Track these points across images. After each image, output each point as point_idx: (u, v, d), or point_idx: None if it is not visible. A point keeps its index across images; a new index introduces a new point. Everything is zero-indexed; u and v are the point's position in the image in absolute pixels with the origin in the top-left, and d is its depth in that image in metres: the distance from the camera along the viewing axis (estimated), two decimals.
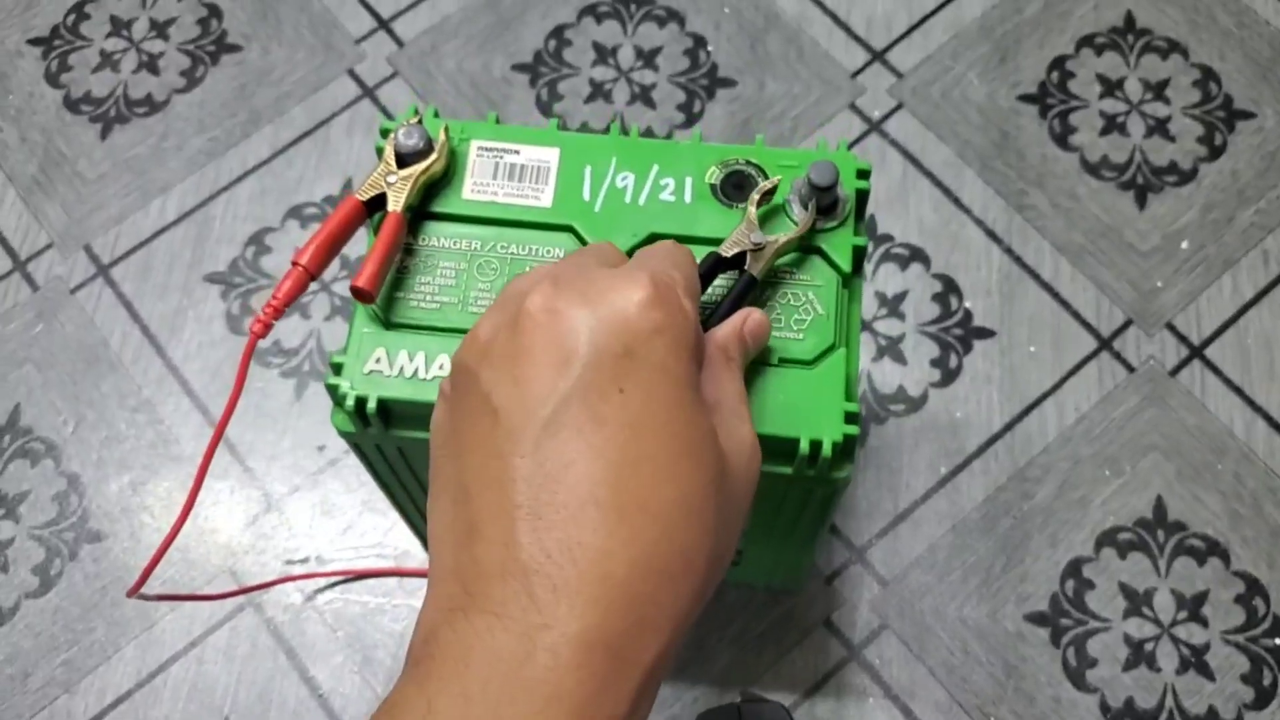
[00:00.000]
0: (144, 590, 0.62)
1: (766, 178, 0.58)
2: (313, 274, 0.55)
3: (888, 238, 0.86)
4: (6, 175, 0.91)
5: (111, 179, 0.90)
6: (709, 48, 0.93)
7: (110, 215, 0.89)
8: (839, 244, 0.57)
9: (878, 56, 0.92)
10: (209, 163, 0.90)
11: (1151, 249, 0.85)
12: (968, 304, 0.84)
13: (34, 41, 0.95)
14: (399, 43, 0.94)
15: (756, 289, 0.54)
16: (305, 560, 0.78)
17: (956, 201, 0.87)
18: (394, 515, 0.79)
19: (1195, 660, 0.74)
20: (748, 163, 0.58)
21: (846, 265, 0.57)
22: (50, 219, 0.89)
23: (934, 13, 0.93)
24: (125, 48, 0.94)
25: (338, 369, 0.55)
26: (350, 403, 0.55)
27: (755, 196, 0.55)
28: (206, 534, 0.79)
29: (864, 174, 0.58)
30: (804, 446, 0.53)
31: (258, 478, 0.81)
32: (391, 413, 0.55)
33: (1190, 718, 0.73)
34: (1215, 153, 0.88)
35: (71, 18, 0.96)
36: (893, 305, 0.84)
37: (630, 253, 0.56)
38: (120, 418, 0.83)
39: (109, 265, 0.87)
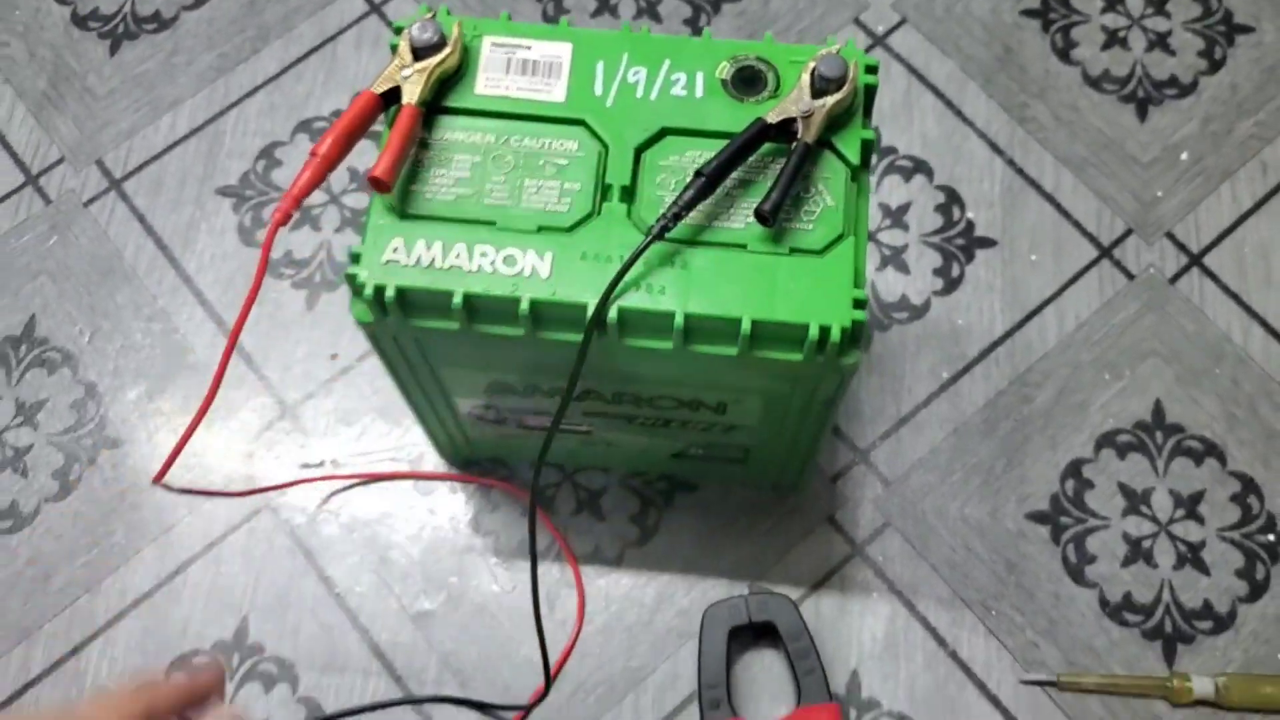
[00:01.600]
0: (167, 481, 0.64)
1: (777, 73, 0.59)
2: (330, 164, 0.56)
3: (891, 150, 0.87)
4: (16, 91, 0.91)
5: (121, 94, 0.91)
6: None
7: (121, 130, 0.90)
8: (848, 139, 0.58)
9: None
10: (218, 79, 0.91)
11: (1152, 160, 0.86)
12: (970, 214, 0.85)
13: None
14: None
15: (811, 158, 0.56)
16: (320, 464, 0.80)
17: (960, 115, 0.88)
18: (407, 421, 0.81)
19: (1191, 556, 0.76)
20: (758, 58, 0.59)
21: (855, 158, 0.58)
22: (61, 134, 0.90)
23: None
24: None
25: (356, 259, 0.56)
26: (369, 291, 0.56)
27: (811, 64, 0.56)
28: (223, 439, 0.81)
29: (871, 69, 0.59)
30: (813, 332, 0.55)
31: (272, 386, 0.82)
32: (409, 301, 0.57)
33: (1186, 611, 0.75)
34: (1215, 66, 0.89)
35: None
36: (896, 216, 0.85)
37: (639, 149, 0.57)
38: (136, 327, 0.84)
39: (121, 179, 0.88)
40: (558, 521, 0.78)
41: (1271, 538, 0.77)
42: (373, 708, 0.74)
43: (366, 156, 0.88)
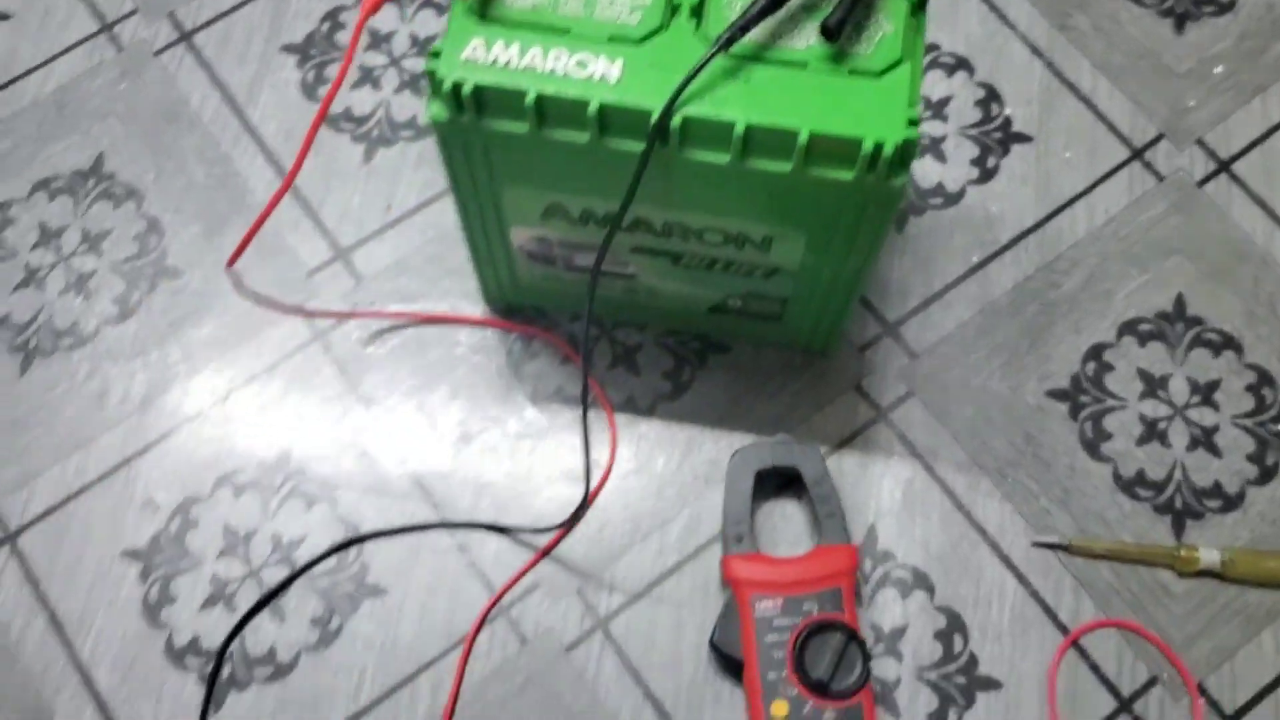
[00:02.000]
0: (235, 273, 0.67)
1: None
2: None
3: (935, 47, 0.90)
4: None
5: None
6: None
7: None
8: None
9: None
10: None
11: (1187, 71, 0.89)
12: (1008, 111, 0.88)
13: None
14: None
15: None
16: (371, 304, 0.83)
17: (1003, 18, 0.91)
18: (457, 269, 0.84)
19: (1205, 440, 0.79)
20: None
21: None
22: None
23: None
24: None
25: (436, 55, 0.60)
26: (448, 86, 0.59)
27: None
28: (278, 274, 0.84)
29: None
30: (867, 146, 0.58)
31: (327, 231, 0.85)
32: (485, 101, 0.60)
33: (1196, 489, 0.78)
34: None
35: None
36: (937, 109, 0.88)
37: None
38: (199, 170, 0.87)
39: (191, 32, 0.91)
40: (594, 374, 0.81)
41: None
42: (409, 529, 0.77)
43: (426, 23, 0.91)
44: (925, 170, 0.87)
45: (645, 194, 0.64)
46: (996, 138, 0.87)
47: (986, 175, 0.86)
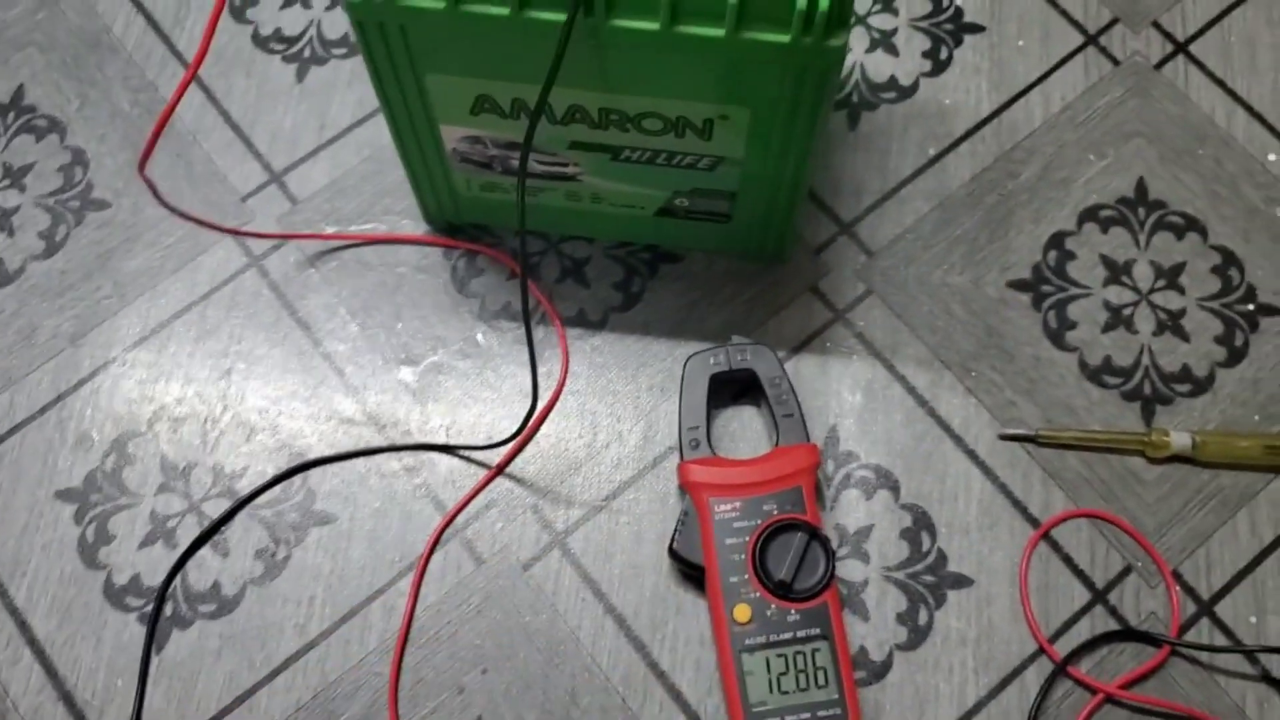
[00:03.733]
0: (168, 201, 0.64)
1: None
2: None
3: None
4: None
5: None
6: None
7: None
8: None
9: None
10: None
11: None
12: (959, 1, 0.85)
13: None
14: None
15: None
16: (308, 226, 0.80)
17: None
18: (395, 189, 0.81)
19: (1171, 324, 0.77)
20: None
21: None
22: None
23: None
24: None
25: None
26: None
27: None
28: (211, 197, 0.81)
29: None
30: (800, 3, 0.55)
31: (260, 153, 0.82)
32: None
33: (1164, 374, 0.76)
34: None
35: None
36: (886, 1, 0.86)
37: None
38: (124, 98, 0.84)
39: None
40: (543, 288, 0.79)
41: (1251, 307, 0.77)
42: (356, 454, 0.75)
43: None
44: (877, 64, 0.84)
45: (577, 76, 0.61)
46: (948, 29, 0.85)
47: (939, 67, 0.84)
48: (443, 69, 0.63)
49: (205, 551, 0.73)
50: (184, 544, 0.73)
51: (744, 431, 0.75)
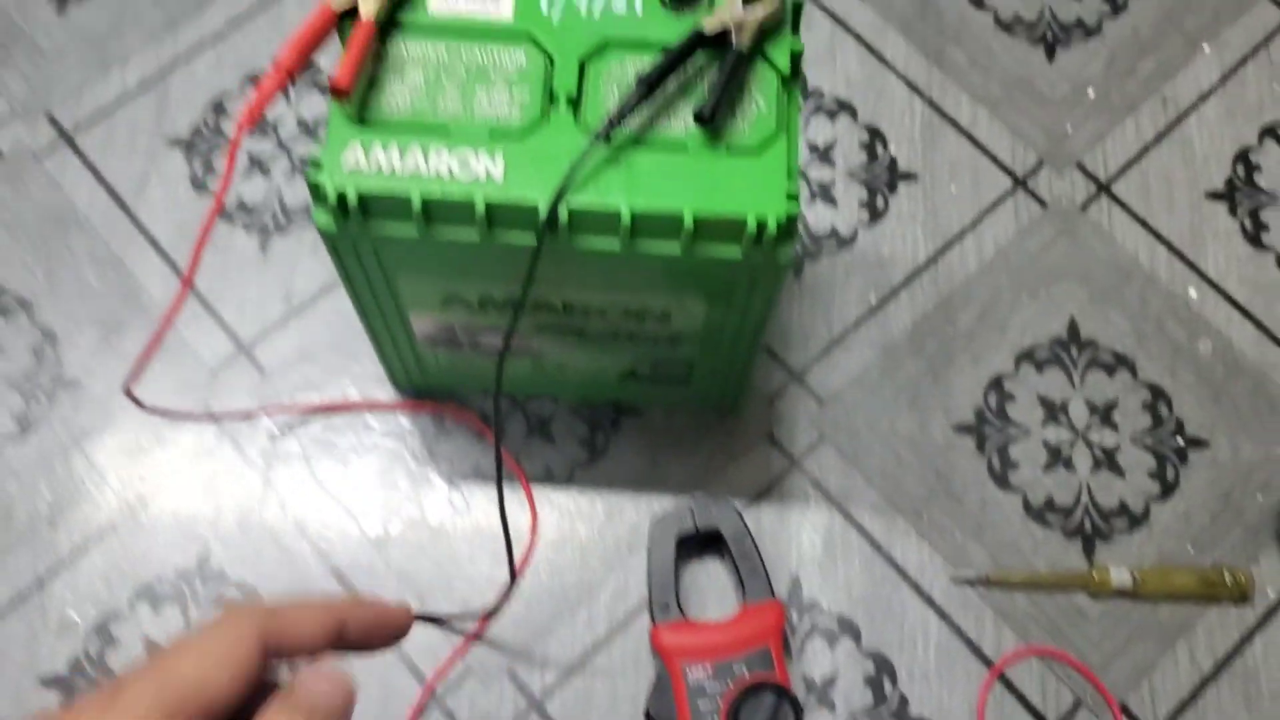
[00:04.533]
0: (136, 394, 0.66)
1: None
2: (290, 73, 0.59)
3: (817, 93, 0.92)
4: None
5: (70, 51, 0.92)
6: None
7: (70, 85, 0.91)
8: (779, 49, 0.62)
9: None
10: (166, 35, 0.93)
11: (1061, 98, 0.92)
12: (892, 150, 0.90)
13: None
14: None
15: (744, 65, 0.60)
16: (278, 397, 0.82)
17: (880, 59, 0.93)
18: (363, 355, 0.83)
19: (1107, 461, 0.82)
20: None
21: (785, 67, 0.62)
22: (11, 90, 0.91)
23: None
24: None
25: (317, 165, 0.59)
26: (331, 196, 0.59)
27: None
28: (181, 375, 0.83)
29: None
30: (751, 225, 0.59)
31: (227, 325, 0.84)
32: (369, 207, 0.60)
33: (1103, 511, 0.80)
34: (1116, 9, 0.95)
35: None
36: (823, 154, 0.90)
37: (583, 60, 0.61)
38: (91, 273, 0.86)
39: (72, 131, 0.90)
40: (509, 446, 0.81)
41: (1180, 441, 0.82)
42: None
43: (313, 104, 0.91)
44: (817, 215, 0.88)
45: (542, 279, 0.64)
46: (883, 178, 0.89)
47: (876, 216, 0.88)
48: (414, 275, 0.66)
49: None
50: None
51: (712, 584, 0.78)
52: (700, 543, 0.78)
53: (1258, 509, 0.80)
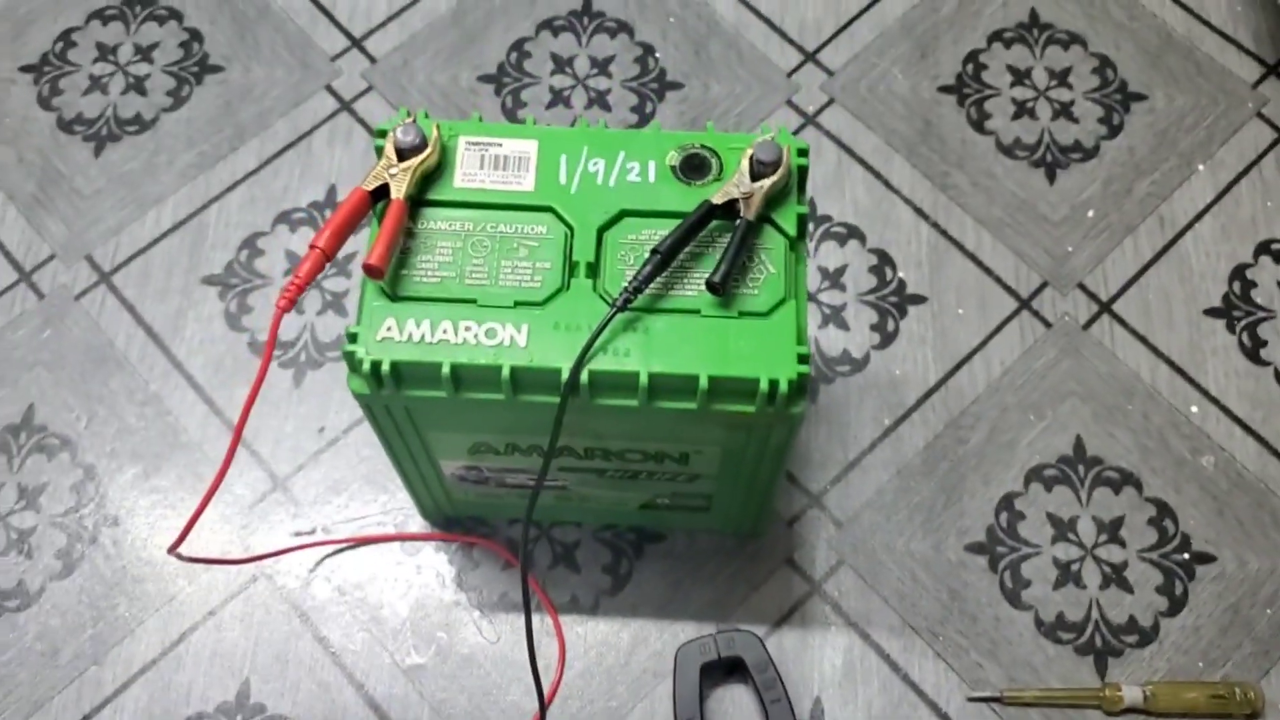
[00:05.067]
0: (180, 552, 0.69)
1: (720, 159, 0.67)
2: (329, 256, 0.62)
3: (826, 219, 0.95)
4: (7, 194, 0.97)
5: (107, 193, 0.97)
6: (657, 54, 1.02)
7: (108, 227, 0.96)
8: (785, 214, 0.66)
9: (810, 57, 1.02)
10: (199, 175, 0.97)
11: (1062, 219, 0.95)
12: (901, 274, 0.93)
13: (25, 69, 1.02)
14: (371, 59, 1.01)
15: (753, 233, 0.63)
16: (312, 532, 0.86)
17: (887, 184, 0.96)
18: (393, 487, 0.86)
19: (1116, 577, 0.84)
20: (702, 146, 0.67)
21: (793, 230, 0.65)
22: (51, 232, 0.95)
23: (859, 15, 1.03)
24: (112, 71, 1.01)
25: (353, 338, 0.63)
26: (366, 367, 0.62)
27: (749, 151, 0.64)
28: (219, 513, 0.86)
29: (803, 153, 0.67)
30: (763, 386, 0.62)
31: (263, 460, 0.88)
32: (401, 374, 0.63)
33: (1113, 627, 0.82)
34: (1114, 131, 0.98)
35: (59, 45, 1.02)
36: (834, 278, 0.93)
37: (601, 230, 0.65)
38: (130, 411, 0.89)
39: (110, 272, 0.94)
40: (536, 574, 0.84)
41: (1186, 556, 0.84)
42: None
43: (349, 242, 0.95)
44: (830, 339, 0.91)
45: (565, 430, 0.68)
46: (893, 301, 0.92)
47: (887, 339, 0.91)
48: (444, 430, 0.69)
49: None
50: None
51: (737, 709, 0.80)
52: (725, 669, 0.80)
53: (1266, 622, 0.82)
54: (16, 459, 0.88)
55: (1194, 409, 0.88)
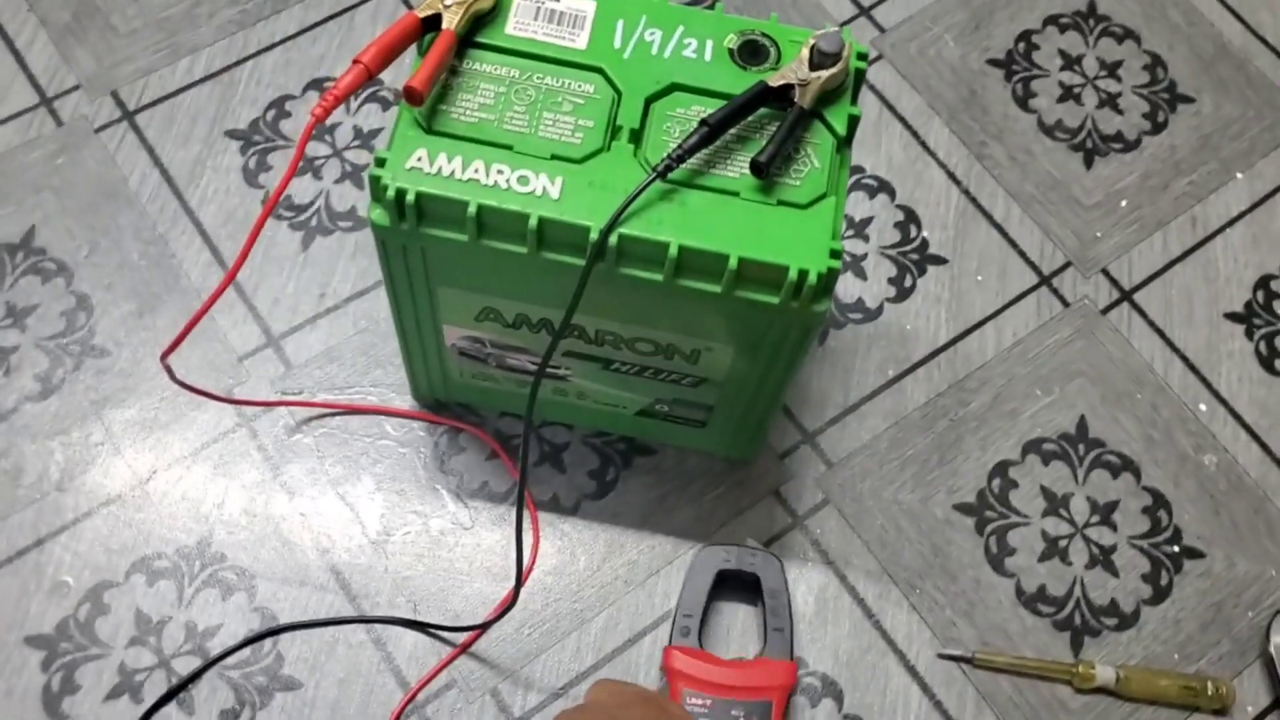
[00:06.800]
0: (171, 367, 0.67)
1: (778, 48, 0.65)
2: (371, 71, 0.61)
3: (859, 169, 0.94)
4: (40, 19, 0.95)
5: (143, 35, 0.95)
6: None
7: (139, 67, 0.94)
8: (838, 112, 0.65)
9: (864, 11, 1.01)
10: (239, 32, 0.96)
11: (1094, 204, 0.94)
12: (925, 233, 0.92)
13: None
14: None
15: (804, 123, 0.62)
16: (299, 393, 0.84)
17: (924, 145, 0.96)
18: (387, 362, 0.85)
19: (1103, 558, 0.83)
20: (762, 33, 0.66)
21: (842, 130, 0.64)
22: (80, 63, 0.94)
23: None
24: None
25: (381, 163, 0.61)
26: (391, 194, 0.61)
27: (811, 40, 0.63)
28: (209, 358, 0.84)
29: (863, 56, 0.66)
30: (792, 274, 0.60)
31: (260, 316, 0.86)
32: (425, 210, 0.62)
33: (1094, 606, 0.81)
34: (1157, 128, 0.98)
35: None
36: (859, 228, 0.92)
37: (649, 99, 0.63)
38: (133, 249, 0.87)
39: (134, 111, 0.92)
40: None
41: (1176, 549, 0.83)
42: (326, 623, 0.77)
43: (370, 116, 0.93)
44: (847, 286, 0.90)
45: (581, 305, 0.66)
46: (913, 259, 0.91)
47: (903, 294, 0.90)
48: (456, 284, 0.68)
49: (171, 708, 0.75)
50: (150, 699, 0.74)
51: (737, 626, 0.78)
52: (738, 584, 0.79)
53: (1247, 625, 0.81)
54: (10, 277, 0.86)
55: (1203, 407, 0.88)
